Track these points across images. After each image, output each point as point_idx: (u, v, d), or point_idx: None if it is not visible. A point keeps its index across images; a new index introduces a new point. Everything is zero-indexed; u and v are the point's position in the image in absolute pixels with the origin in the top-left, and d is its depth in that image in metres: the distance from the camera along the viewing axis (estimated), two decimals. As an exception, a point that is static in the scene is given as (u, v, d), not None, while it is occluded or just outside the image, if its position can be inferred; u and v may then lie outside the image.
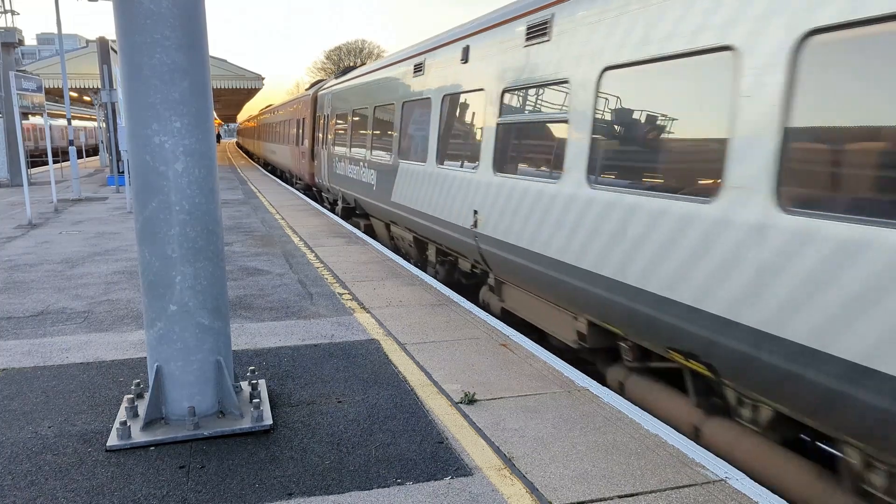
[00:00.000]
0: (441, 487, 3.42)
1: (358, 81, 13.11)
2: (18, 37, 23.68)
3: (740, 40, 3.56)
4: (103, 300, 7.21)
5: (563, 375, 4.96)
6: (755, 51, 3.46)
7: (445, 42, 8.06)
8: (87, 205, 17.23)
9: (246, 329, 6.15)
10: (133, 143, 3.83)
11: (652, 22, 4.24)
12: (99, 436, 3.97)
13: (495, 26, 6.58)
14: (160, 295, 3.95)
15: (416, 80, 9.08)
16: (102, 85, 20.43)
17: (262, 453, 3.78)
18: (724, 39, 3.67)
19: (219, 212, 4.12)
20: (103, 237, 11.74)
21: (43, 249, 10.45)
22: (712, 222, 3.68)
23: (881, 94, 2.86)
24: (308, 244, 10.86)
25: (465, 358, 5.34)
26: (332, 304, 6.99)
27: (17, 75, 13.83)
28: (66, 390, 4.68)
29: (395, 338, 5.87)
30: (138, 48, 3.69)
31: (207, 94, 3.95)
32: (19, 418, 4.22)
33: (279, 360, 5.31)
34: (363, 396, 4.59)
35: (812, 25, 3.15)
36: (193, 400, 4.08)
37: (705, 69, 3.82)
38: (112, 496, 3.31)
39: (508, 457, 3.73)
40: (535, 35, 5.71)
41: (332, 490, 3.38)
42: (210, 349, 4.10)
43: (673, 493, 3.35)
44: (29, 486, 3.40)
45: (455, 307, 6.87)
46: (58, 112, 36.85)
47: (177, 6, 3.70)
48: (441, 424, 4.14)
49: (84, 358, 5.37)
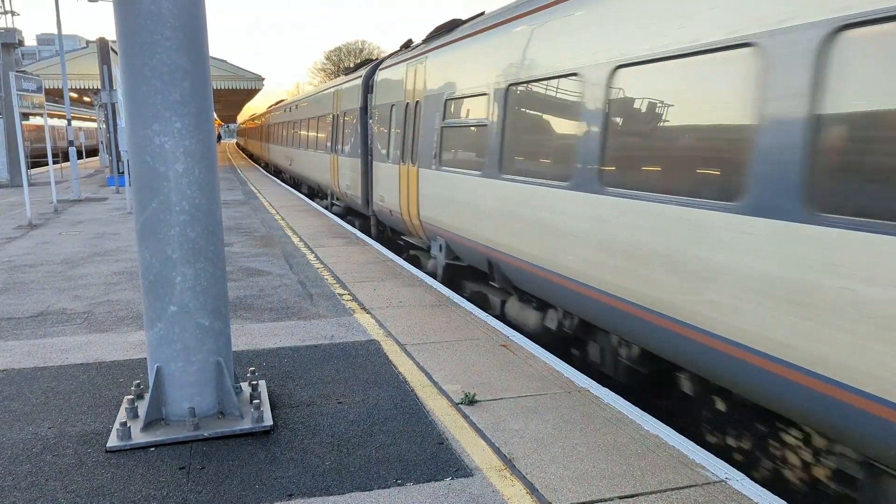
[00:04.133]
0: (441, 488, 3.41)
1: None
2: (18, 37, 23.71)
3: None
4: (103, 301, 7.21)
5: (564, 376, 4.96)
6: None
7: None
8: (87, 205, 17.23)
9: (246, 330, 6.15)
10: (133, 143, 3.83)
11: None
12: (99, 437, 3.97)
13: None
14: (160, 295, 3.95)
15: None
16: (102, 85, 20.44)
17: (263, 454, 3.77)
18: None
19: (219, 212, 4.12)
20: (103, 238, 11.74)
21: (43, 250, 10.45)
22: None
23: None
24: (308, 245, 10.85)
25: (465, 358, 5.34)
26: (332, 305, 6.99)
27: (18, 76, 13.84)
28: (66, 391, 4.68)
29: (395, 338, 5.87)
30: (139, 49, 3.69)
31: (208, 95, 3.95)
32: (19, 419, 4.22)
33: (279, 361, 5.31)
34: (363, 397, 4.59)
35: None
36: (193, 401, 4.07)
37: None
38: (112, 497, 3.31)
39: (509, 457, 3.73)
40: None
41: (332, 491, 3.38)
42: (210, 350, 4.10)
43: (673, 493, 3.35)
44: (29, 487, 3.40)
45: (455, 308, 6.87)
46: (58, 112, 36.86)
47: (177, 7, 3.70)
48: (441, 425, 4.14)
49: (84, 359, 5.36)
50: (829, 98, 3.26)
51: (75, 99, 40.19)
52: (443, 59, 8.64)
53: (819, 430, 3.61)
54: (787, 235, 3.44)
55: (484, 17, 7.86)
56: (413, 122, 9.53)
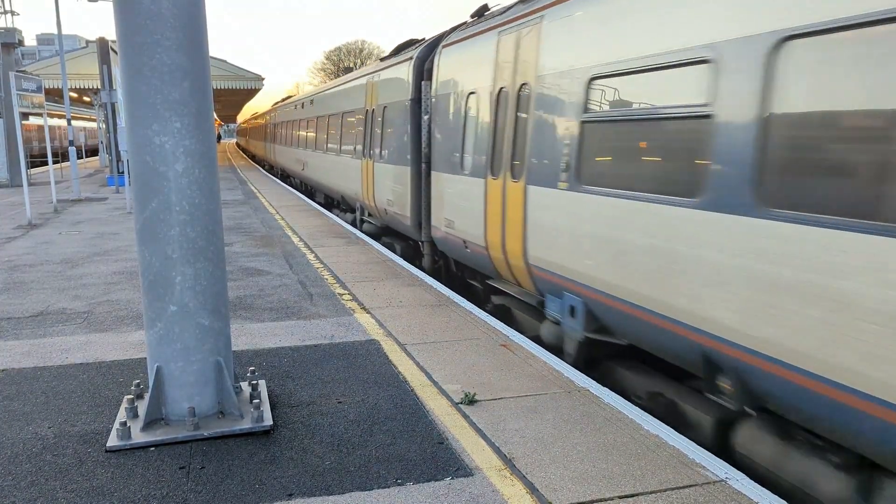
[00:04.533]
0: (441, 488, 3.41)
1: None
2: (18, 37, 23.72)
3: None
4: (103, 300, 7.21)
5: (563, 376, 4.96)
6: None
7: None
8: (87, 205, 17.23)
9: (246, 329, 6.15)
10: (133, 143, 3.83)
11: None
12: (99, 436, 3.97)
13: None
14: (160, 295, 3.95)
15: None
16: (102, 85, 20.45)
17: (262, 454, 3.77)
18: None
19: (219, 212, 4.12)
20: (103, 237, 11.74)
21: (43, 250, 10.45)
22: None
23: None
24: (308, 244, 10.85)
25: (465, 358, 5.34)
26: (332, 305, 6.99)
27: (18, 76, 13.84)
28: (66, 391, 4.68)
29: (395, 338, 5.87)
30: (139, 48, 3.69)
31: (208, 95, 3.95)
32: (19, 419, 4.22)
33: (279, 361, 5.31)
34: (363, 397, 4.59)
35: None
36: (193, 400, 4.07)
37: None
38: (112, 497, 3.31)
39: (509, 457, 3.73)
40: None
41: (332, 491, 3.38)
42: (210, 349, 4.10)
43: (673, 493, 3.35)
44: (29, 487, 3.40)
45: (455, 308, 6.87)
46: (58, 112, 36.86)
47: (177, 7, 3.70)
48: (441, 425, 4.14)
49: (84, 358, 5.36)
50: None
51: (75, 99, 40.18)
52: (588, 13, 5.34)
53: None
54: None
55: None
56: (514, 118, 6.55)
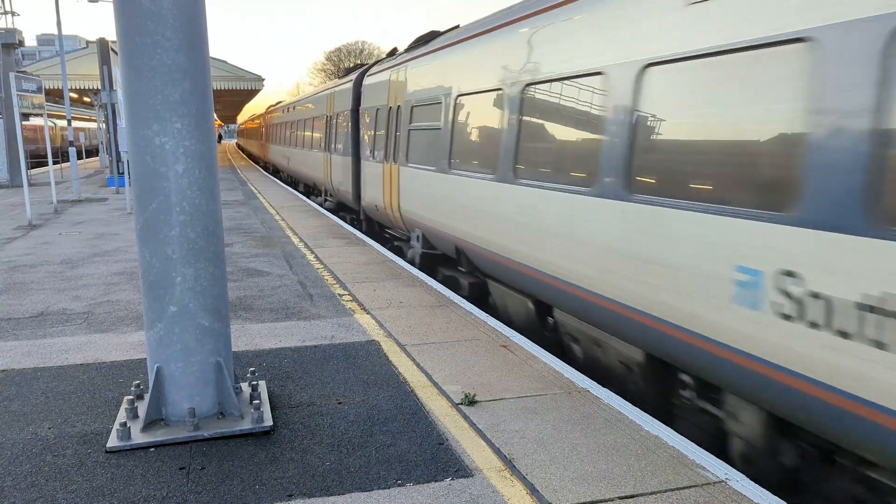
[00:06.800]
0: (441, 489, 3.41)
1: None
2: (19, 38, 23.69)
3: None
4: (103, 301, 7.21)
5: (564, 377, 4.96)
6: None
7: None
8: (87, 206, 17.23)
9: (246, 330, 6.15)
10: (133, 144, 3.83)
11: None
12: (99, 437, 3.97)
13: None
14: (160, 296, 3.95)
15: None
16: (102, 86, 20.44)
17: (263, 454, 3.77)
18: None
19: (219, 213, 4.12)
20: (103, 238, 11.74)
21: (43, 250, 10.45)
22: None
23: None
24: (308, 245, 10.85)
25: (465, 359, 5.34)
26: (332, 306, 6.99)
27: (18, 76, 13.84)
28: (65, 391, 4.68)
29: (395, 339, 5.87)
30: (139, 49, 3.69)
31: (208, 95, 3.95)
32: (19, 419, 4.22)
33: (279, 362, 5.31)
34: (363, 398, 4.58)
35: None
36: (193, 401, 4.07)
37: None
38: (112, 497, 3.31)
39: (509, 458, 3.72)
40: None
41: (332, 491, 3.38)
42: (210, 350, 4.10)
43: (673, 494, 3.35)
44: (29, 488, 3.40)
45: (455, 308, 6.87)
46: (58, 113, 36.86)
47: (177, 7, 3.70)
48: (441, 425, 4.14)
49: (84, 359, 5.36)
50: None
51: (75, 99, 40.18)
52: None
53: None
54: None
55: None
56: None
